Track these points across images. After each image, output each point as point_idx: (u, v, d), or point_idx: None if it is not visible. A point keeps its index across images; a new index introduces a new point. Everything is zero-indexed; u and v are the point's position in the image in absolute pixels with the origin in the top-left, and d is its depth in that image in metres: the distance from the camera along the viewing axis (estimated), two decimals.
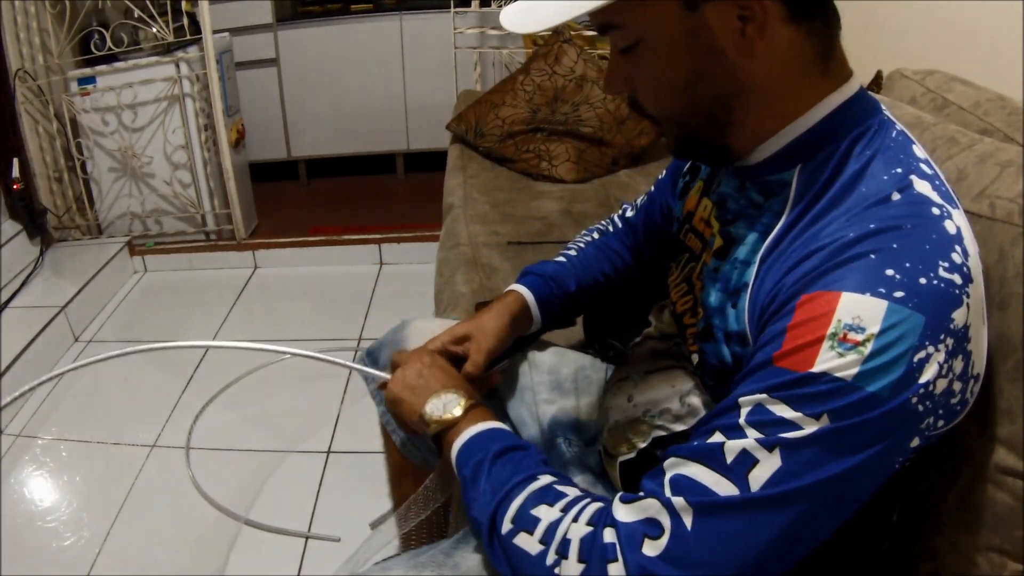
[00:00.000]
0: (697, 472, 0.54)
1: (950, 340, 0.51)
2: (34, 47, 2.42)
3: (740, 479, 0.51)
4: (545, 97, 2.13)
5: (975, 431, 0.63)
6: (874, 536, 0.71)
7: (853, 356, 0.50)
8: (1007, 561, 0.62)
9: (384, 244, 2.66)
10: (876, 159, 0.58)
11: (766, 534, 0.51)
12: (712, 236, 0.71)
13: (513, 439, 0.69)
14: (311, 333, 2.27)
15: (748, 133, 0.62)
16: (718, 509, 0.52)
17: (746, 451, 0.52)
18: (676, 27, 0.57)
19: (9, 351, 1.97)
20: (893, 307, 0.50)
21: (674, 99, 0.62)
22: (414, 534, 0.87)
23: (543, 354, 0.99)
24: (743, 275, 0.63)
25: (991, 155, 0.71)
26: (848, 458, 0.50)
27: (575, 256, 0.98)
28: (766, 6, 0.55)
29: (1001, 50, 1.09)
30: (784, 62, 0.58)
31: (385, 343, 1.05)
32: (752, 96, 0.60)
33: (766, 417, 0.52)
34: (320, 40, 3.12)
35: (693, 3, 0.56)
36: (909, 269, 0.51)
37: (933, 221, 0.54)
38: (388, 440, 1.07)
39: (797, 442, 0.50)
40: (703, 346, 0.70)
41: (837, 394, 0.50)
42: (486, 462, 0.66)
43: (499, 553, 0.62)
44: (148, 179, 2.60)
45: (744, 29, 0.56)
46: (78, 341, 2.27)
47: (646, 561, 0.53)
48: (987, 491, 0.63)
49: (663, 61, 0.60)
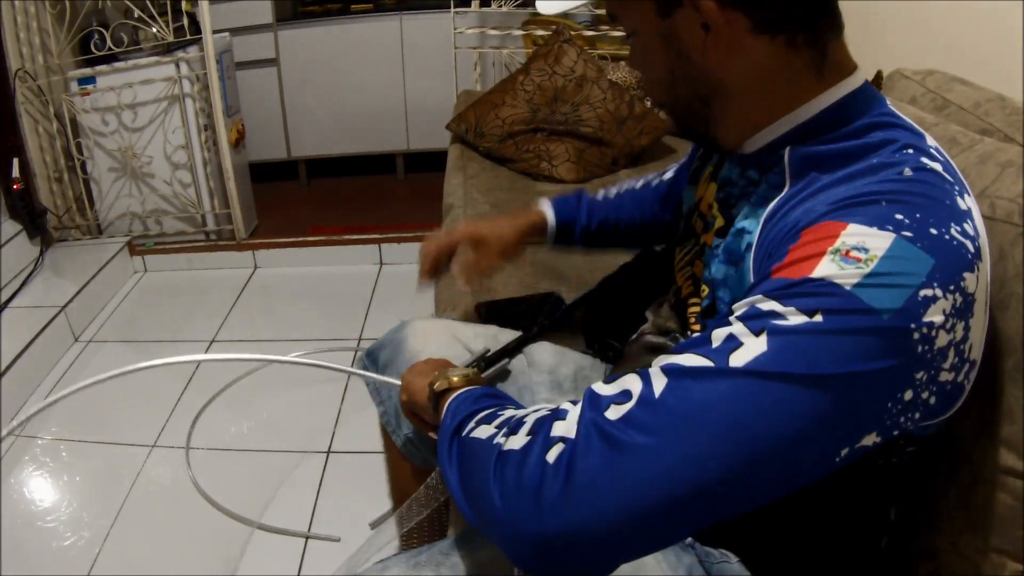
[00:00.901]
0: (682, 357, 0.50)
1: (958, 296, 0.49)
2: (34, 47, 2.42)
3: (722, 357, 0.48)
4: (545, 97, 2.13)
5: (975, 431, 0.63)
6: (872, 532, 0.71)
7: (853, 269, 0.48)
8: (1007, 561, 0.62)
9: (384, 244, 2.66)
10: (887, 142, 0.57)
11: (734, 408, 0.47)
12: (713, 218, 0.72)
13: (507, 394, 0.70)
14: (311, 333, 2.27)
15: (733, 127, 0.65)
16: (692, 373, 0.48)
17: (732, 335, 0.49)
18: (653, 29, 0.62)
19: (9, 351, 1.97)
20: (901, 241, 0.48)
21: (659, 91, 0.67)
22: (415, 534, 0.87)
23: (543, 354, 0.99)
24: (747, 239, 0.63)
25: (991, 155, 0.71)
26: (841, 364, 0.46)
27: (612, 197, 1.06)
28: (729, 18, 0.57)
29: (1001, 50, 1.09)
30: (761, 70, 0.59)
31: (385, 343, 1.05)
32: (729, 97, 0.62)
33: (755, 312, 0.50)
34: (320, 40, 3.12)
35: (666, 10, 0.60)
36: (920, 219, 0.50)
37: (946, 193, 0.53)
38: (388, 440, 1.07)
39: (786, 330, 0.47)
40: (707, 323, 0.70)
41: (833, 296, 0.47)
42: (470, 398, 0.66)
43: (453, 453, 0.59)
44: (148, 179, 2.60)
45: (706, 38, 0.58)
46: (78, 341, 2.26)
47: (602, 420, 0.49)
48: (987, 491, 0.63)
49: (648, 58, 0.65)
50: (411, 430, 1.00)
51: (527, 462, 0.51)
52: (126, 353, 2.21)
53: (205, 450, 1.77)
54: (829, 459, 0.50)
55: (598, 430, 0.49)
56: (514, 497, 0.50)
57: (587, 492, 0.48)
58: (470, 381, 0.72)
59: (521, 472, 0.50)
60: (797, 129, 0.61)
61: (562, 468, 0.49)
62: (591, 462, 0.48)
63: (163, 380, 2.03)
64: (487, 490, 0.52)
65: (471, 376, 0.73)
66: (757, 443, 0.47)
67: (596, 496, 0.48)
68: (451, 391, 0.71)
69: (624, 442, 0.48)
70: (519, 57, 2.77)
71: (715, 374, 0.48)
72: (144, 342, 2.26)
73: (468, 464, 0.57)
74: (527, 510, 0.49)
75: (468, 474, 0.57)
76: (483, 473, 0.53)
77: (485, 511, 0.53)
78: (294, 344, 2.17)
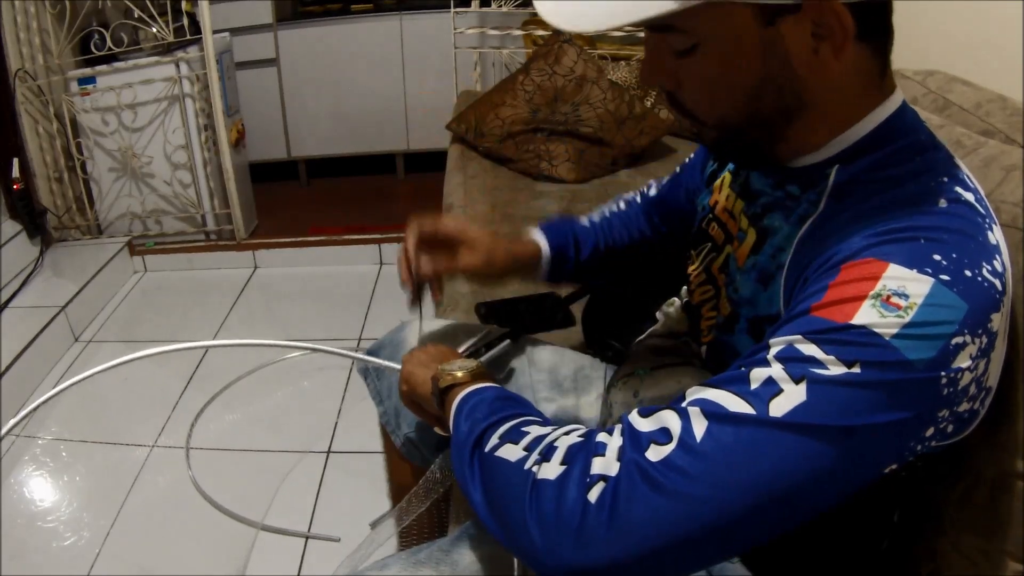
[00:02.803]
0: (720, 396, 0.52)
1: (984, 339, 0.51)
2: (34, 47, 2.42)
3: (762, 403, 0.50)
4: (545, 97, 2.13)
5: (976, 433, 0.63)
6: (874, 535, 0.71)
7: (894, 318, 0.49)
8: (1008, 561, 0.62)
9: (384, 244, 2.66)
10: (923, 169, 0.57)
11: (775, 461, 0.49)
12: (740, 231, 0.71)
13: (519, 396, 0.69)
14: (311, 333, 2.27)
15: (797, 144, 0.62)
16: (733, 420, 0.50)
17: (772, 379, 0.50)
18: (749, 37, 0.56)
19: (9, 351, 1.97)
20: (939, 287, 0.49)
21: (732, 105, 0.60)
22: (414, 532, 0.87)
23: (542, 353, 0.99)
24: (777, 259, 0.63)
25: (995, 159, 0.71)
26: (872, 415, 0.49)
27: (598, 221, 0.99)
28: (845, 23, 0.54)
29: (1001, 50, 1.09)
30: (848, 79, 0.58)
31: (385, 343, 1.05)
32: (811, 111, 0.59)
33: (796, 354, 0.50)
34: (320, 40, 3.12)
35: (772, 17, 0.55)
36: (956, 260, 0.51)
37: (978, 227, 0.54)
38: (388, 440, 1.07)
39: (826, 380, 0.49)
40: (720, 338, 0.69)
41: (872, 347, 0.49)
42: (484, 402, 0.66)
43: (475, 469, 0.60)
44: (148, 179, 2.60)
45: (818, 47, 0.55)
46: (78, 341, 2.26)
47: (644, 462, 0.50)
48: (988, 492, 0.63)
49: (730, 68, 0.58)
50: (411, 430, 1.00)
51: (566, 496, 0.52)
52: (126, 353, 2.20)
53: (205, 450, 1.77)
54: (852, 490, 0.52)
55: (640, 472, 0.50)
56: (553, 530, 0.52)
57: (630, 531, 0.50)
58: (475, 375, 0.72)
59: (560, 506, 0.52)
60: (850, 148, 0.60)
61: (605, 508, 0.50)
62: (634, 504, 0.50)
63: (163, 380, 2.03)
64: (522, 517, 0.54)
65: (475, 370, 0.73)
66: (794, 489, 0.50)
67: (639, 535, 0.50)
68: (457, 387, 0.70)
69: (667, 487, 0.49)
70: (519, 57, 2.77)
71: (756, 424, 0.49)
72: (144, 342, 2.26)
73: (496, 485, 0.58)
74: (568, 544, 0.51)
75: (496, 495, 0.57)
76: (516, 500, 0.54)
77: (519, 537, 0.54)
78: None
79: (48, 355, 2.13)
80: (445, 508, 0.99)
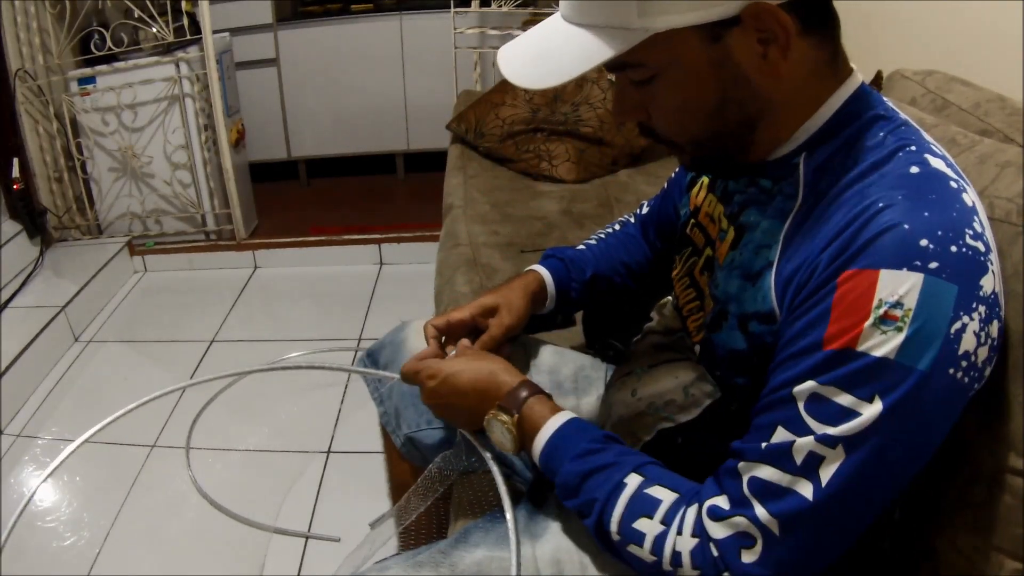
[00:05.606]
0: (771, 475, 0.57)
1: (982, 308, 0.53)
2: (34, 47, 2.42)
3: (812, 475, 0.55)
4: (545, 97, 2.13)
5: (975, 428, 0.63)
6: (876, 534, 0.71)
7: (894, 332, 0.52)
8: (1006, 560, 0.62)
9: (384, 244, 2.66)
10: (888, 140, 0.59)
11: (844, 524, 0.57)
12: (721, 232, 0.72)
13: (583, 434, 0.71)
14: (311, 333, 2.27)
15: (766, 144, 0.65)
16: (799, 518, 0.56)
17: (813, 452, 0.55)
18: (700, 59, 0.58)
19: (9, 351, 1.97)
20: (928, 279, 0.52)
21: (698, 126, 0.63)
22: (413, 534, 0.87)
23: (543, 354, 0.99)
24: (765, 255, 0.64)
25: (991, 156, 0.71)
26: (907, 440, 0.54)
27: (595, 245, 1.01)
28: (786, 24, 0.56)
29: (1001, 50, 1.09)
30: (801, 73, 0.60)
31: (385, 344, 1.05)
32: (774, 111, 0.62)
33: (824, 408, 0.54)
34: (320, 40, 3.12)
35: (716, 34, 0.57)
36: (941, 238, 0.52)
37: (953, 193, 0.56)
38: (388, 440, 1.07)
39: (858, 436, 0.53)
40: (710, 336, 0.70)
41: (883, 373, 0.52)
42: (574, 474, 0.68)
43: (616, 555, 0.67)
44: (148, 179, 2.60)
45: (766, 52, 0.58)
46: (78, 341, 2.27)
47: (749, 568, 0.57)
48: (986, 489, 0.63)
49: (689, 92, 0.61)
50: (411, 430, 1.00)
51: None
52: (126, 353, 2.21)
53: (205, 450, 1.77)
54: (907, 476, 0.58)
55: None
56: None
57: None
58: (523, 431, 0.74)
59: None
60: (814, 135, 0.62)
61: None
62: None
63: (163, 380, 2.03)
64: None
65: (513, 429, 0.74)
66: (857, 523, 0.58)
67: None
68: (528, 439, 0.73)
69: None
70: None
71: (814, 511, 0.55)
72: (144, 342, 2.26)
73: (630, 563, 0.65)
74: None
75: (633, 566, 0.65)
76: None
77: None
78: (294, 344, 2.17)
79: (48, 355, 2.13)
80: (445, 509, 0.99)
